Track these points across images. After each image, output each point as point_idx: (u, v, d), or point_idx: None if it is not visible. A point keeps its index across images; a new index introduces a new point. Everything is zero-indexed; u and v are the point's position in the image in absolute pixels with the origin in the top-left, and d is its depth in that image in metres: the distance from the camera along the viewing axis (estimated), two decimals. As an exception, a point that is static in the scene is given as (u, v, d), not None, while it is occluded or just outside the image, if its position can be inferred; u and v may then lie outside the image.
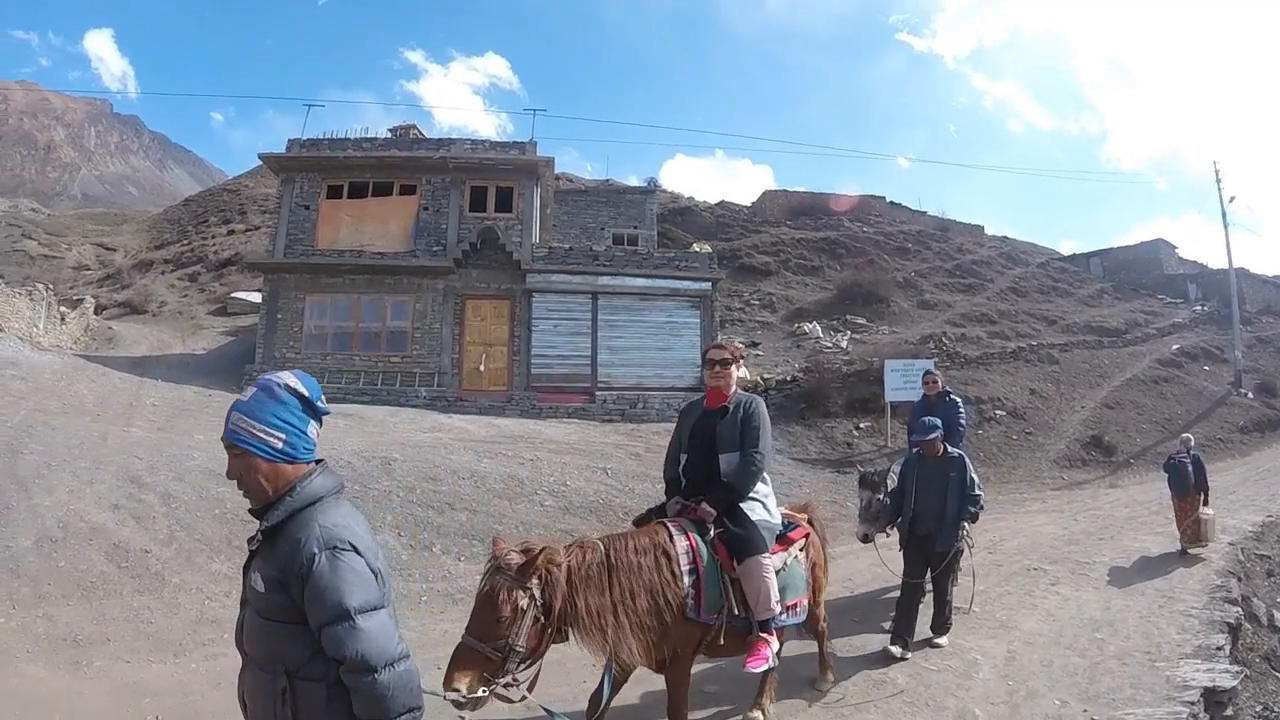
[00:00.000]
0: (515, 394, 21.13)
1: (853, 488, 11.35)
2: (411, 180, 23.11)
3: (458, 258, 21.98)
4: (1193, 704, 5.94)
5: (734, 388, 5.00)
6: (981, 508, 7.43)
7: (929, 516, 7.18)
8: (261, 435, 2.37)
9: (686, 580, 4.26)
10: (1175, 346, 29.69)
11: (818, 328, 29.01)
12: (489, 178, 23.01)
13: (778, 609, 4.56)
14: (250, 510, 2.44)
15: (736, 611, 4.45)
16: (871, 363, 21.59)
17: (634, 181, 50.54)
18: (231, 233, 44.87)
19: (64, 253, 46.54)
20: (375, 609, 2.27)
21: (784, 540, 5.00)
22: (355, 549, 2.29)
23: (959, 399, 9.52)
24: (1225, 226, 31.69)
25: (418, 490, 11.77)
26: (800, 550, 5.19)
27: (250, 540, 2.42)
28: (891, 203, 49.85)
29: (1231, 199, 31.87)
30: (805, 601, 5.14)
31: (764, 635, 4.49)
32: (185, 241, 45.71)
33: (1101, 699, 6.02)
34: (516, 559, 3.69)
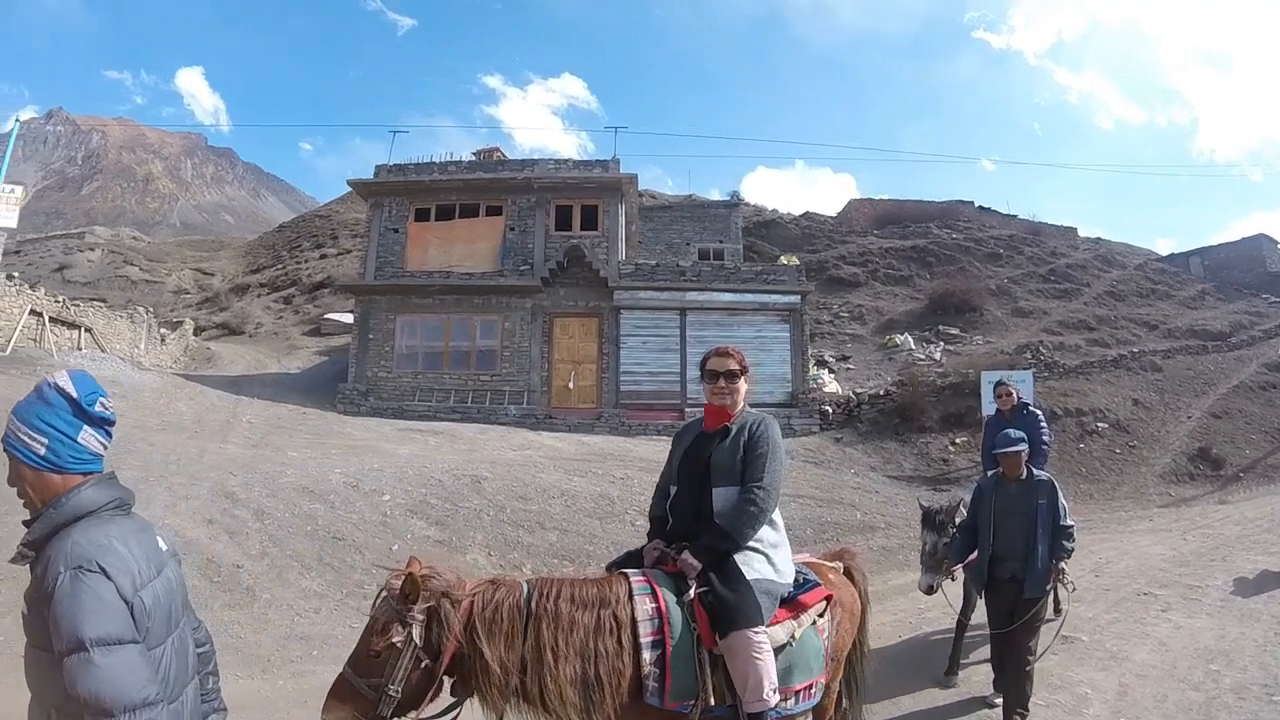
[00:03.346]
0: (604, 411, 21.13)
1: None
2: (497, 201, 23.40)
3: (545, 276, 22.18)
4: (1311, 742, 5.56)
5: (741, 406, 3.89)
6: (1074, 541, 6.06)
7: (1013, 556, 5.94)
8: (25, 439, 2.17)
9: (648, 655, 3.19)
10: (1283, 350, 28.35)
11: (909, 339, 28.49)
12: (573, 196, 23.17)
13: (774, 698, 3.33)
14: (24, 522, 2.21)
15: (713, 702, 3.29)
16: (966, 375, 21.00)
17: (716, 195, 50.62)
18: (324, 256, 46.09)
19: (164, 278, 48.27)
20: (120, 644, 1.98)
21: (794, 605, 3.68)
22: (104, 572, 2.02)
23: (1040, 412, 8.43)
24: (1332, 217, 30.22)
25: (508, 509, 11.68)
26: (819, 616, 3.84)
27: (16, 557, 2.17)
28: (980, 207, 49.00)
29: (1338, 186, 30.46)
30: (822, 682, 3.83)
31: None
32: (280, 266, 47.10)
33: (1218, 737, 5.66)
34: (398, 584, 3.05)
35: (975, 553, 6.24)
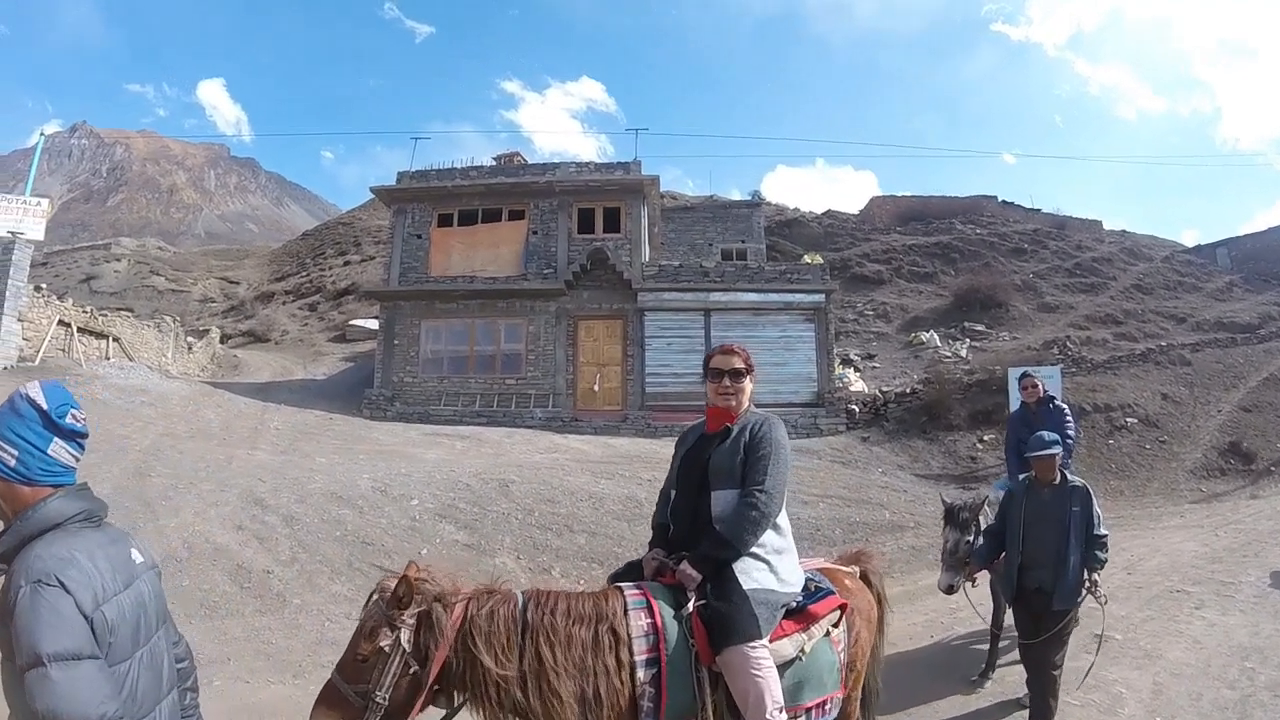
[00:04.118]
0: (630, 413, 21.12)
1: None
2: (519, 205, 23.45)
3: (569, 279, 22.21)
4: (1347, 739, 5.50)
5: (746, 406, 3.67)
6: (1107, 551, 5.71)
7: (1043, 565, 5.57)
8: None
9: (643, 674, 3.01)
10: (1315, 341, 27.92)
11: (935, 337, 28.38)
12: (596, 199, 23.18)
13: (780, 717, 3.15)
14: None
15: None
16: (993, 371, 20.80)
17: (737, 195, 50.50)
18: (347, 263, 46.45)
19: (190, 287, 48.84)
20: (78, 659, 1.95)
21: (804, 616, 3.45)
22: (63, 586, 1.99)
23: (1066, 406, 8.05)
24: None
25: (536, 512, 11.71)
26: (833, 626, 3.59)
27: None
28: (1003, 202, 48.70)
29: (1367, 172, 29.99)
30: (838, 697, 3.61)
31: None
32: (304, 273, 47.53)
33: (1253, 735, 5.60)
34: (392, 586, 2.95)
35: (999, 557, 6.03)
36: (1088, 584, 5.53)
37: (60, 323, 20.02)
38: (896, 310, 32.35)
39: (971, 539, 6.46)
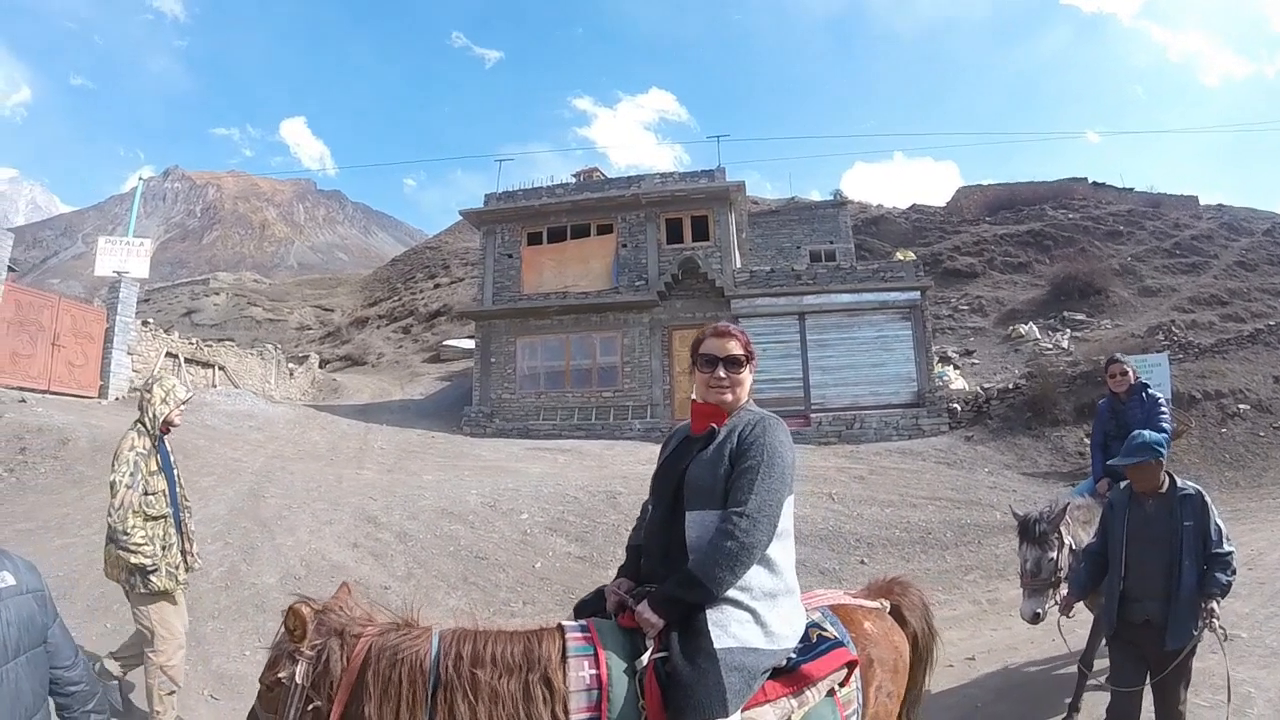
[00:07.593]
0: (729, 421, 20.88)
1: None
2: (607, 220, 23.69)
3: (660, 290, 22.32)
4: None
5: (744, 402, 2.95)
6: (1234, 573, 4.51)
7: (1149, 593, 4.52)
8: None
9: None
10: None
11: (1034, 328, 27.65)
12: (682, 209, 23.24)
13: None
14: None
15: None
16: (1097, 362, 20.02)
17: (817, 196, 50.20)
18: (437, 286, 47.40)
19: (286, 316, 50.38)
20: None
21: (794, 676, 2.67)
22: None
23: (1161, 395, 6.99)
24: None
25: (645, 524, 11.72)
26: (840, 686, 2.81)
27: None
28: (1095, 183, 47.31)
29: None
30: None
31: None
32: (396, 297, 48.67)
33: (1384, 734, 5.34)
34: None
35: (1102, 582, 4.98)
36: (1204, 614, 4.43)
37: (168, 354, 20.84)
38: (992, 303, 31.61)
39: (1055, 555, 5.45)
